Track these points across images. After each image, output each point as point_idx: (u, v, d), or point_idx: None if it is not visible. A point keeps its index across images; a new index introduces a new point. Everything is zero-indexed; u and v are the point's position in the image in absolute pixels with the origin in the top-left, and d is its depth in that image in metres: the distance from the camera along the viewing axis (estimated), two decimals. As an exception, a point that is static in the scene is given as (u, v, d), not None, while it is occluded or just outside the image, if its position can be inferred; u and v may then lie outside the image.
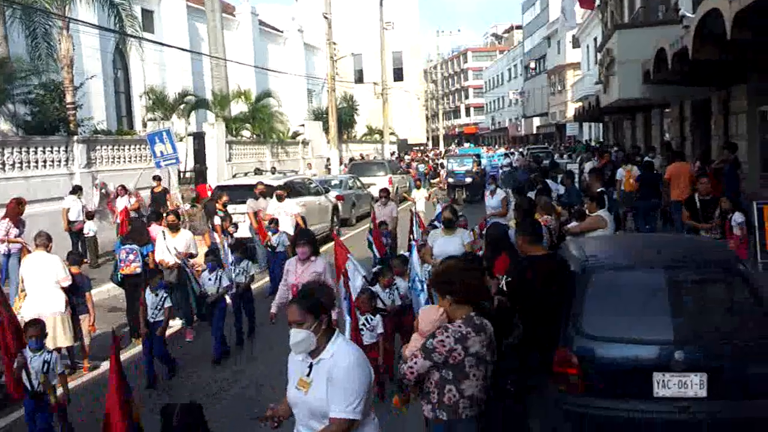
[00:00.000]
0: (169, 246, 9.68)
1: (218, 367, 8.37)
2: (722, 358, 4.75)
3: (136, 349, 8.84)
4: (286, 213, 13.82)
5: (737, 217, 9.44)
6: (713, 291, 5.53)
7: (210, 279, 8.74)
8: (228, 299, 9.07)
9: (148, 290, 8.01)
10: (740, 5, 8.23)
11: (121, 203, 16.46)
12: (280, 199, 14.14)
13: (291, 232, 12.70)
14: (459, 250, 7.87)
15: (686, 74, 13.46)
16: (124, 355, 7.80)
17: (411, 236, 10.92)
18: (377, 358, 6.66)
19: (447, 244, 8.00)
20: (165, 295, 7.98)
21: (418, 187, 18.95)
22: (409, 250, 8.80)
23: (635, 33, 17.97)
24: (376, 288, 7.39)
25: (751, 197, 12.43)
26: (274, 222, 12.65)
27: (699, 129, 18.47)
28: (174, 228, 9.91)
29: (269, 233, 12.30)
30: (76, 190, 15.26)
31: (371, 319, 6.83)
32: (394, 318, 7.35)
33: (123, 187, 16.77)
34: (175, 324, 9.71)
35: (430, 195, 20.44)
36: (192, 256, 9.86)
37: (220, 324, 8.66)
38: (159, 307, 7.89)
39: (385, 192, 14.14)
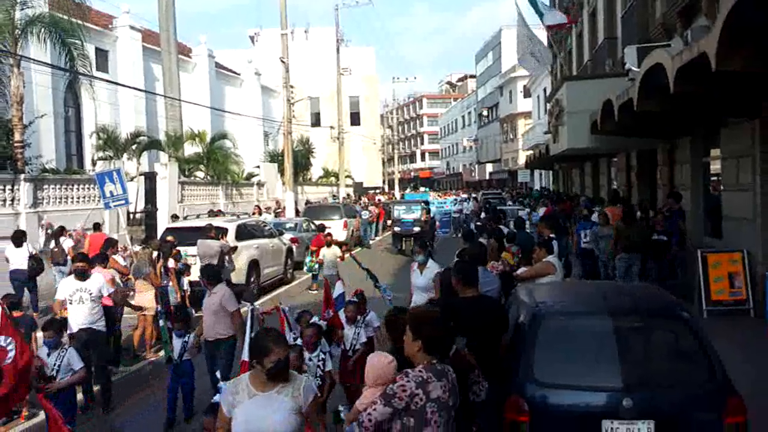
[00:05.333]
0: None
1: None
2: (669, 406, 4.80)
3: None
4: (92, 296, 8.21)
5: None
6: (660, 338, 5.61)
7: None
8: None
9: None
10: (681, 61, 8.56)
11: (66, 245, 15.02)
12: (81, 276, 8.27)
13: (101, 325, 8.35)
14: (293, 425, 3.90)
15: (632, 126, 13.88)
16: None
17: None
18: None
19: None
20: None
21: (328, 244, 14.58)
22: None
23: (583, 85, 18.40)
24: None
25: (696, 245, 12.83)
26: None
27: (645, 177, 18.99)
28: None
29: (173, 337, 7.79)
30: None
31: None
32: None
33: (63, 228, 15.53)
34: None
35: (343, 255, 16.03)
36: None
37: None
38: None
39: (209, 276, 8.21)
